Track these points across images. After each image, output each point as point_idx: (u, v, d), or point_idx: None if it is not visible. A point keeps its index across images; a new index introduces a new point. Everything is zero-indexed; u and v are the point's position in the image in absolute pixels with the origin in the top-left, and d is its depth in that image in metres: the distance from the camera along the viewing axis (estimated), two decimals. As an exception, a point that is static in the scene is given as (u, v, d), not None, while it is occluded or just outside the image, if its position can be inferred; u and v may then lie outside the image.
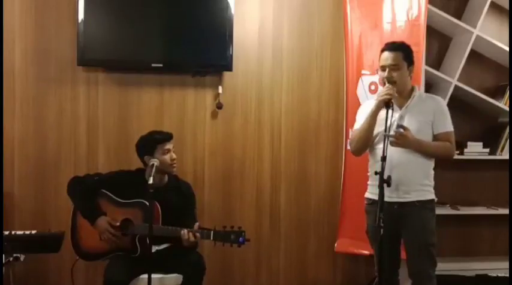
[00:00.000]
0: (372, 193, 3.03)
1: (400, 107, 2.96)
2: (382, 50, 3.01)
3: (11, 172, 3.74)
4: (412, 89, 3.03)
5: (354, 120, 3.75)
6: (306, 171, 4.08)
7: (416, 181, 2.95)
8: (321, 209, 4.10)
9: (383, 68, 2.97)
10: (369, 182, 3.09)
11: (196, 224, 3.05)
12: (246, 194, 4.02)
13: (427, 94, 3.10)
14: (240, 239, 2.98)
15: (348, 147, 3.79)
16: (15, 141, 3.76)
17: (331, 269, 4.12)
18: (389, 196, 2.85)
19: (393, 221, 2.88)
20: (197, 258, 3.15)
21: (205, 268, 3.16)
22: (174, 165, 3.23)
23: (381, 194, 2.68)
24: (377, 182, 2.73)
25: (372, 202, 3.01)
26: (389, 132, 2.77)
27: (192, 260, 3.11)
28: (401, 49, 2.98)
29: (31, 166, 3.78)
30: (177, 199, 3.24)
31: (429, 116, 2.96)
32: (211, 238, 3.01)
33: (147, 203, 3.01)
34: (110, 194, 3.19)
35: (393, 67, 2.93)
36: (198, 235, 3.00)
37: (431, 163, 3.02)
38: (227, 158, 4.00)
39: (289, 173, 4.07)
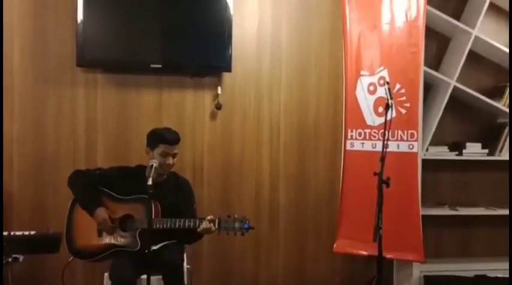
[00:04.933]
0: None
1: None
2: None
3: (9, 172, 3.74)
4: None
5: (353, 121, 3.79)
6: (304, 170, 4.09)
7: None
8: (320, 207, 4.11)
9: None
10: None
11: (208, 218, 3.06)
12: (245, 193, 4.03)
13: None
14: (245, 225, 3.01)
15: (348, 148, 3.81)
16: (14, 141, 3.76)
17: (330, 269, 4.13)
18: None
19: None
20: (174, 257, 3.08)
21: (182, 268, 3.10)
22: (168, 169, 3.22)
23: (380, 194, 2.68)
24: None
25: None
26: (389, 135, 2.74)
27: (168, 260, 3.04)
28: None
29: (30, 166, 3.78)
30: (175, 195, 3.25)
31: None
32: (216, 226, 3.01)
33: (147, 197, 3.01)
34: (110, 192, 3.20)
35: None
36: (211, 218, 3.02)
37: None
38: (226, 158, 4.00)
39: (288, 172, 4.07)
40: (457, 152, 4.07)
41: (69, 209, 3.23)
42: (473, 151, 4.06)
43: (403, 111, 3.64)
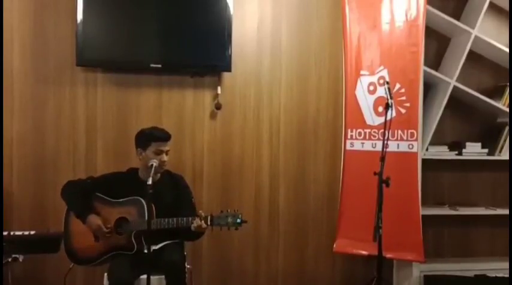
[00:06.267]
0: None
1: None
2: None
3: (9, 172, 3.74)
4: None
5: (352, 121, 3.80)
6: (304, 170, 4.09)
7: None
8: (320, 207, 4.11)
9: None
10: None
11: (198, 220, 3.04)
12: (245, 193, 4.03)
13: None
14: (238, 219, 3.01)
15: (348, 147, 3.81)
16: (14, 140, 3.75)
17: (330, 269, 4.13)
18: None
19: None
20: (176, 257, 3.07)
21: (185, 268, 3.10)
22: (163, 167, 3.22)
23: (380, 194, 2.68)
24: None
25: None
26: (389, 135, 2.76)
27: (170, 260, 3.03)
28: None
29: (30, 165, 3.78)
30: (170, 192, 3.25)
31: None
32: (209, 223, 3.01)
33: (140, 199, 3.06)
34: (103, 196, 3.20)
35: None
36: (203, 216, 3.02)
37: None
38: (226, 158, 4.00)
39: (288, 172, 4.07)
40: (456, 152, 4.07)
41: (64, 218, 3.22)
42: (473, 150, 4.06)
43: (403, 111, 3.64)
